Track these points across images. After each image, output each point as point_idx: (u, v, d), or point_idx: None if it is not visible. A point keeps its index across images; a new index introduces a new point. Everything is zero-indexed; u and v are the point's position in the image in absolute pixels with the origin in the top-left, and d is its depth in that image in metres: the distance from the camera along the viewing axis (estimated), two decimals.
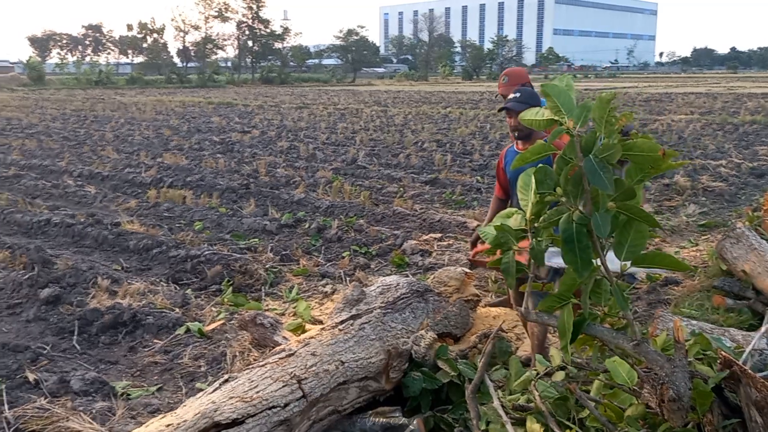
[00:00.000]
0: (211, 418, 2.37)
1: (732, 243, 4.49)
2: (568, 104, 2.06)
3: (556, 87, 2.09)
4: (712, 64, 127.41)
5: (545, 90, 2.09)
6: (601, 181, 1.95)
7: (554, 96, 2.07)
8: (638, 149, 2.01)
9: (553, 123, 2.14)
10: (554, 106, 2.08)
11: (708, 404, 2.28)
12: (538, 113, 2.19)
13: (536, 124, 2.19)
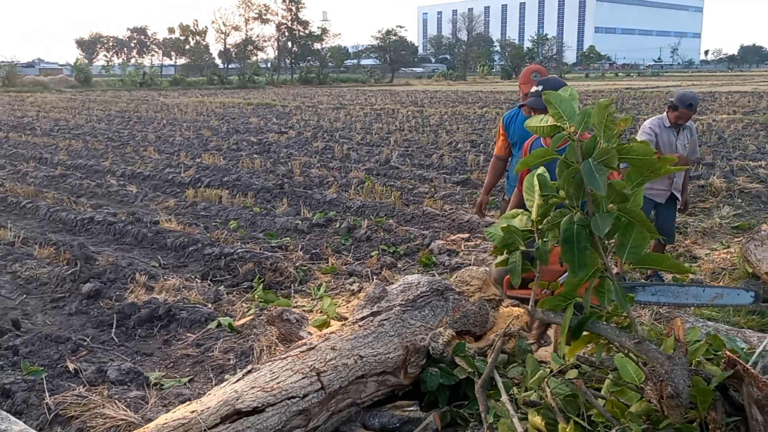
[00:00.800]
0: (233, 406, 2.52)
1: (756, 245, 4.47)
2: (569, 111, 2.15)
3: (558, 95, 2.18)
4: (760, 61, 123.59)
5: (547, 99, 2.18)
6: (595, 183, 2.04)
7: (556, 104, 2.16)
8: (635, 153, 2.09)
9: (557, 129, 2.23)
10: (556, 113, 2.17)
11: (708, 402, 2.33)
12: (542, 120, 2.29)
13: (540, 130, 2.29)
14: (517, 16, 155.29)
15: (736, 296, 2.93)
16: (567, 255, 2.30)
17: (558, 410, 2.75)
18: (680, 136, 5.12)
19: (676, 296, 2.88)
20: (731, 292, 2.92)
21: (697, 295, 2.91)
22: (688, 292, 2.91)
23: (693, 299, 2.93)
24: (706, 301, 2.90)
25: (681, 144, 5.08)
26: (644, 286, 2.88)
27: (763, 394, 2.29)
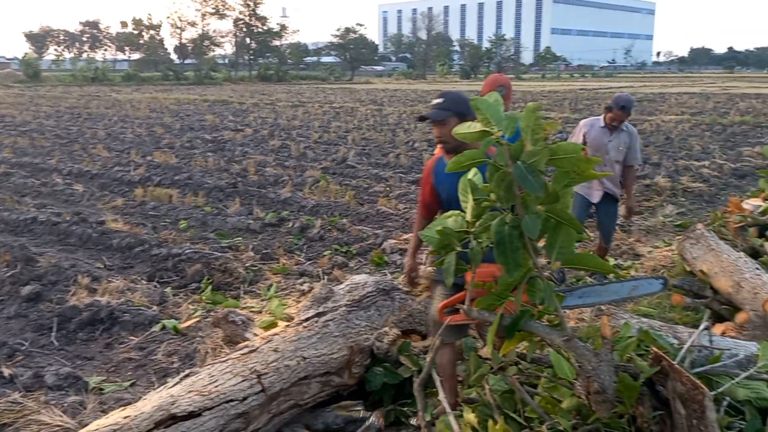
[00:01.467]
0: (167, 411, 2.50)
1: (692, 243, 4.63)
2: (496, 116, 2.19)
3: (485, 101, 2.22)
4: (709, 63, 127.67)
5: (475, 104, 2.22)
6: (530, 185, 2.08)
7: (483, 109, 2.20)
8: (562, 152, 2.14)
9: (485, 134, 2.27)
10: (484, 118, 2.21)
11: (635, 397, 2.41)
12: (470, 126, 2.32)
13: (469, 137, 2.32)
14: (475, 16, 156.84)
15: (648, 286, 3.00)
16: (501, 256, 2.34)
17: (495, 407, 2.81)
18: (614, 138, 5.08)
19: (600, 295, 2.89)
20: (644, 283, 3.00)
21: (617, 291, 2.92)
22: (609, 290, 2.92)
23: (614, 295, 2.93)
24: (625, 294, 2.94)
25: (613, 146, 5.07)
26: (572, 290, 2.88)
27: (685, 389, 2.37)
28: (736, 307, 4.04)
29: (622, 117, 4.97)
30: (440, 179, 3.17)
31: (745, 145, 13.93)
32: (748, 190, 8.89)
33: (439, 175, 3.19)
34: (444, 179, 3.11)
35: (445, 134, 3.01)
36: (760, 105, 25.28)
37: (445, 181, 3.12)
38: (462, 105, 3.07)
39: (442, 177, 3.15)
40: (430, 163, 3.30)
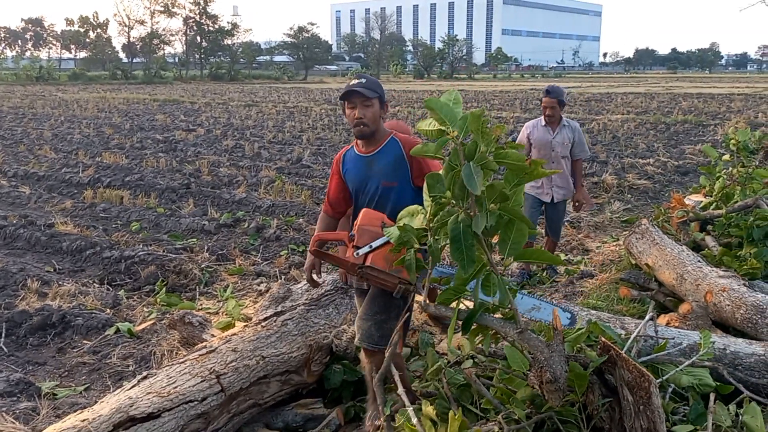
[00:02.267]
0: (126, 413, 2.48)
1: (637, 238, 4.81)
2: (451, 116, 2.26)
3: (438, 101, 2.29)
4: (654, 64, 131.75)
5: (428, 105, 2.28)
6: (473, 184, 2.15)
7: (437, 110, 2.27)
8: (510, 158, 2.22)
9: (442, 133, 2.34)
10: (439, 118, 2.28)
11: (585, 385, 2.51)
12: (431, 124, 2.39)
13: (430, 134, 2.38)
14: (428, 16, 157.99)
15: (547, 315, 2.91)
16: (456, 253, 2.41)
17: (452, 399, 2.88)
18: (557, 135, 5.31)
19: None
20: (547, 309, 2.90)
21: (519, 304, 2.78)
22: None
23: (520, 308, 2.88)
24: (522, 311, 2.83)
25: (558, 142, 5.30)
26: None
27: (632, 376, 2.48)
28: (680, 298, 4.22)
29: (548, 102, 5.22)
30: (348, 168, 3.11)
31: (688, 143, 14.46)
32: (690, 186, 9.24)
33: (348, 164, 3.12)
34: (352, 168, 3.09)
35: (368, 116, 2.94)
36: (702, 104, 26.25)
37: (352, 170, 3.09)
38: (381, 90, 3.03)
39: (350, 166, 3.10)
40: (339, 155, 3.20)
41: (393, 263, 2.65)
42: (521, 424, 2.48)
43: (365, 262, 2.73)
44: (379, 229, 2.76)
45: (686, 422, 2.68)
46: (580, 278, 5.36)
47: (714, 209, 5.26)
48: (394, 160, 3.02)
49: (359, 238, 2.77)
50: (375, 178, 3.06)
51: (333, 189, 3.22)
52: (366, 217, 2.85)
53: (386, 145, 3.06)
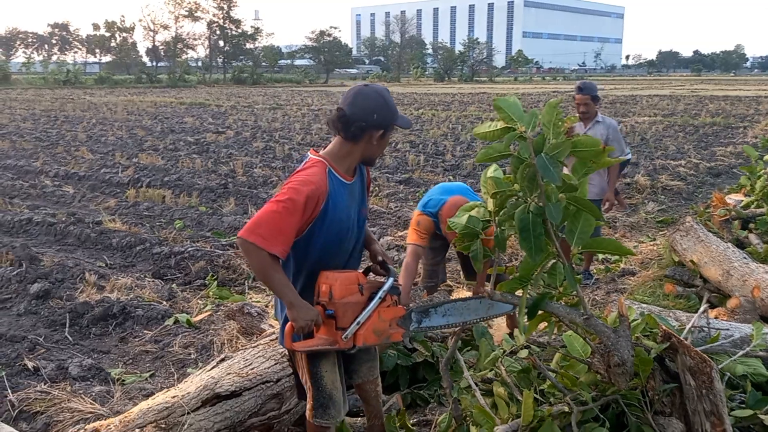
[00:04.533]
0: (212, 390, 2.64)
1: (682, 235, 4.89)
2: (518, 113, 2.39)
3: (506, 100, 2.41)
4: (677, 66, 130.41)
5: (497, 104, 2.40)
6: (551, 175, 2.27)
7: (505, 108, 2.39)
8: (582, 146, 2.34)
9: (507, 131, 2.45)
10: (506, 116, 2.39)
11: (649, 370, 2.61)
12: (491, 125, 2.50)
13: (490, 134, 2.50)
14: (448, 19, 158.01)
15: (502, 306, 2.79)
16: (525, 242, 2.53)
17: (513, 385, 3.00)
18: (589, 131, 5.22)
19: (461, 313, 2.74)
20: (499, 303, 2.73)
21: (476, 309, 2.76)
22: (468, 307, 2.74)
23: (473, 314, 2.76)
24: (482, 313, 2.78)
25: None
26: (435, 307, 2.70)
27: (694, 362, 2.58)
28: (726, 294, 4.29)
29: (580, 99, 5.16)
30: (336, 202, 2.45)
31: (718, 145, 14.40)
32: (724, 187, 9.25)
33: (334, 197, 2.44)
34: (340, 201, 2.47)
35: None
36: (729, 107, 26.03)
37: (341, 203, 2.48)
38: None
39: (338, 199, 2.46)
40: (318, 187, 2.37)
41: (383, 333, 2.47)
42: (588, 405, 2.59)
43: (356, 343, 2.42)
44: (359, 297, 2.41)
45: (744, 408, 2.77)
46: (622, 275, 5.44)
47: (755, 208, 5.31)
48: (362, 182, 2.67)
49: (342, 317, 2.39)
50: (356, 206, 2.61)
51: (292, 229, 2.33)
52: (341, 288, 2.40)
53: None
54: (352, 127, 2.41)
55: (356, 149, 2.47)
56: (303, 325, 2.37)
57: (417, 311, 2.64)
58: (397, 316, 2.52)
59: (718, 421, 2.45)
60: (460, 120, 21.37)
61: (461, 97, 36.23)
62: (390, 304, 2.49)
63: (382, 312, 2.45)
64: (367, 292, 2.44)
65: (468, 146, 14.45)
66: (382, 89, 2.52)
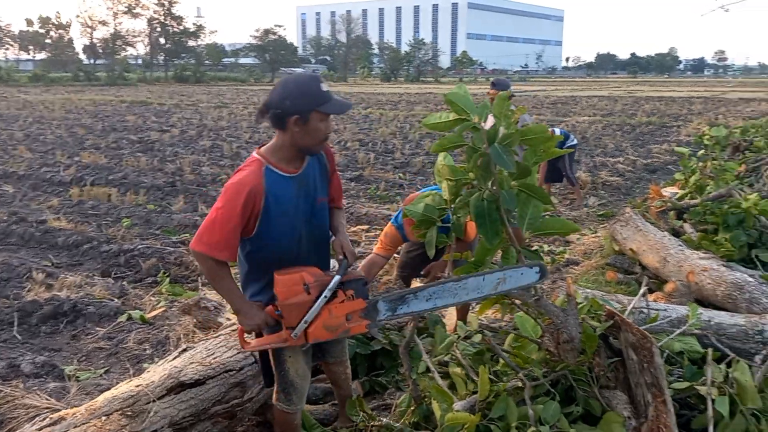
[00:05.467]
0: (176, 378, 2.67)
1: (622, 225, 5.15)
2: (470, 105, 2.51)
3: (457, 93, 2.53)
4: (614, 68, 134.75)
5: (449, 99, 2.51)
6: (505, 163, 2.41)
7: (457, 101, 2.51)
8: (532, 134, 2.49)
9: (458, 122, 2.58)
10: (459, 109, 2.52)
11: (594, 346, 2.79)
12: (442, 116, 2.62)
13: (442, 125, 2.62)
14: (393, 20, 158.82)
15: (520, 276, 2.62)
16: (481, 228, 2.66)
17: (469, 366, 3.13)
18: None
19: (455, 294, 2.59)
20: (514, 273, 2.60)
21: (478, 287, 2.59)
22: (467, 286, 2.57)
23: (474, 293, 2.60)
24: (488, 291, 2.62)
25: None
26: (415, 292, 2.58)
27: (636, 338, 2.77)
28: (663, 279, 4.56)
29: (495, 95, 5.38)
30: (277, 197, 2.45)
31: (653, 143, 15.05)
32: (659, 182, 9.69)
33: (273, 193, 2.43)
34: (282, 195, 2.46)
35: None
36: (663, 107, 27.16)
37: (283, 198, 2.47)
38: None
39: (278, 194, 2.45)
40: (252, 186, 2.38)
41: (338, 328, 2.47)
42: (540, 381, 2.74)
43: (308, 340, 2.45)
44: (305, 296, 2.40)
45: (682, 381, 2.98)
46: (566, 265, 5.68)
47: (689, 199, 5.63)
48: (320, 171, 2.64)
49: (288, 317, 2.42)
50: (308, 197, 2.58)
51: (233, 233, 2.38)
52: (282, 290, 2.40)
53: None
54: (269, 114, 2.41)
55: (285, 139, 2.45)
56: (249, 329, 2.49)
57: (387, 300, 2.58)
58: (355, 310, 2.49)
59: (658, 392, 2.64)
60: (408, 119, 21.60)
61: (408, 97, 36.58)
62: (344, 299, 2.46)
63: (334, 308, 2.44)
64: (315, 290, 2.41)
65: (417, 144, 14.66)
66: (304, 77, 2.48)
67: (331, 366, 3.00)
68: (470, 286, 2.60)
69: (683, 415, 2.86)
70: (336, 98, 2.47)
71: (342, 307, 2.46)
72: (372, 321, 2.54)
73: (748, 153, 7.59)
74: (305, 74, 2.53)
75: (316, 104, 2.39)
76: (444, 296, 2.60)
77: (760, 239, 4.92)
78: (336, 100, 2.46)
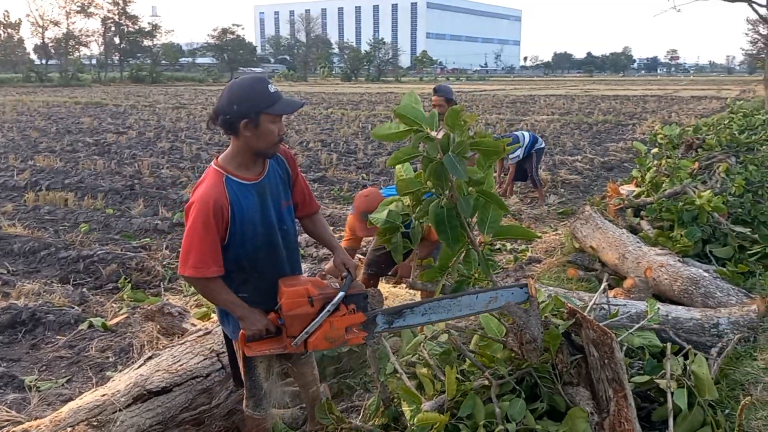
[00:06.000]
0: (143, 387, 2.64)
1: (582, 224, 5.27)
2: (420, 116, 2.55)
3: (406, 107, 2.57)
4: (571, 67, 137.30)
5: (399, 113, 2.54)
6: (458, 172, 2.45)
7: (407, 113, 2.55)
8: (483, 144, 2.54)
9: (408, 132, 2.61)
10: (410, 120, 2.55)
11: (557, 344, 2.85)
12: (391, 126, 2.65)
13: (393, 136, 2.65)
14: (353, 19, 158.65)
15: (510, 296, 2.78)
16: (442, 234, 2.71)
17: (436, 366, 3.17)
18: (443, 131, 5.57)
19: (449, 310, 2.72)
20: (505, 293, 2.77)
21: (471, 304, 2.73)
22: (461, 303, 2.71)
23: (467, 309, 2.75)
24: (481, 308, 2.76)
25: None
26: (412, 307, 2.67)
27: (597, 335, 2.84)
28: (622, 276, 4.68)
29: (438, 101, 5.51)
30: (241, 207, 2.44)
31: (610, 141, 15.39)
32: (617, 179, 9.93)
33: (237, 203, 2.42)
34: (246, 204, 2.45)
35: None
36: (619, 105, 27.80)
37: (247, 207, 2.45)
38: None
39: (243, 204, 2.44)
40: (216, 200, 2.36)
41: (337, 339, 2.52)
42: (505, 379, 2.79)
43: (307, 349, 2.52)
44: (308, 309, 2.44)
45: (642, 374, 3.08)
46: (529, 263, 5.78)
47: (646, 197, 5.79)
48: (282, 175, 2.63)
49: (290, 327, 2.48)
50: (272, 203, 2.55)
51: (213, 246, 2.38)
52: (287, 302, 2.43)
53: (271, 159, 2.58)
54: (219, 121, 2.38)
55: (240, 144, 2.41)
56: (252, 334, 2.49)
57: (386, 314, 2.64)
58: (355, 323, 2.55)
59: (619, 387, 2.72)
60: (369, 119, 21.62)
61: (369, 97, 36.60)
62: (346, 313, 2.51)
63: (335, 321, 2.49)
64: (318, 303, 2.45)
65: (379, 144, 14.68)
66: (249, 80, 2.43)
67: (299, 368, 3.00)
68: (464, 303, 2.72)
69: (644, 408, 2.96)
70: (285, 98, 2.43)
71: (343, 320, 2.51)
72: (369, 333, 2.60)
73: (700, 151, 7.84)
74: (251, 76, 2.48)
75: (265, 106, 2.35)
76: (439, 311, 2.69)
77: (713, 235, 5.10)
78: (285, 100, 2.42)
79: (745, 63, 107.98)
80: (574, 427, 2.64)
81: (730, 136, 8.72)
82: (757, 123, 12.31)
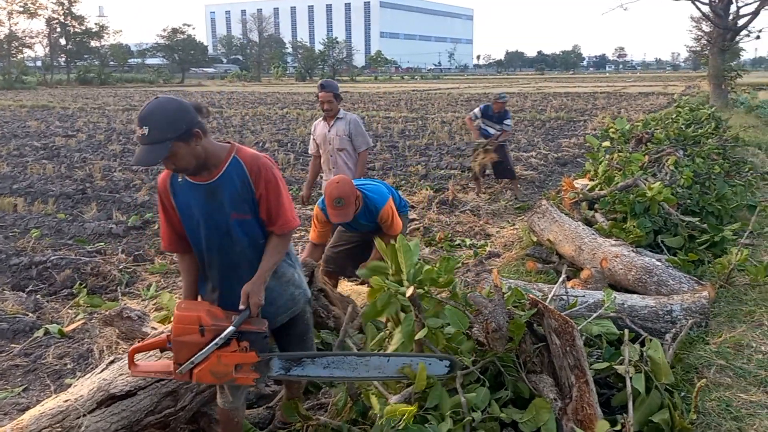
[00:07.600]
0: (106, 391, 2.59)
1: (539, 217, 5.38)
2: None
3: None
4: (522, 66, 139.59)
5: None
6: None
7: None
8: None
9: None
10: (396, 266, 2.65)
11: (521, 333, 2.92)
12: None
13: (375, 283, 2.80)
14: (306, 18, 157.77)
15: (427, 366, 2.62)
16: None
17: None
18: (332, 128, 5.41)
19: (354, 369, 2.59)
20: (422, 361, 2.63)
21: (380, 367, 2.60)
22: (368, 364, 2.59)
23: (375, 371, 2.62)
24: (391, 373, 2.63)
25: (333, 135, 5.40)
26: (314, 357, 2.59)
27: (558, 324, 2.92)
28: (579, 267, 4.80)
29: (325, 97, 5.36)
30: (182, 201, 2.53)
31: (563, 137, 15.72)
32: (570, 174, 10.16)
33: (179, 195, 2.52)
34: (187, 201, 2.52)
35: (180, 164, 2.39)
36: (570, 102, 28.43)
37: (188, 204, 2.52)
38: (178, 124, 2.31)
39: (184, 198, 2.52)
40: (164, 181, 2.55)
41: (224, 376, 2.44)
42: (470, 369, 2.84)
43: (192, 379, 2.45)
44: (198, 338, 2.38)
45: (601, 361, 3.17)
46: (488, 258, 5.87)
47: (599, 190, 5.95)
48: (240, 187, 2.50)
49: (177, 354, 2.41)
50: (221, 210, 2.50)
51: (167, 226, 2.59)
52: (177, 326, 2.40)
53: (230, 166, 2.49)
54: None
55: None
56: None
57: (283, 359, 2.54)
58: (246, 362, 2.43)
59: (581, 373, 2.80)
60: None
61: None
62: (237, 350, 2.41)
63: (223, 356, 2.39)
64: (210, 334, 2.37)
65: None
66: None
67: None
68: (372, 364, 2.63)
69: (603, 394, 3.05)
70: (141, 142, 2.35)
71: (232, 356, 2.40)
72: (262, 376, 2.50)
73: (650, 145, 8.09)
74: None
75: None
76: (342, 368, 2.59)
77: (664, 225, 5.28)
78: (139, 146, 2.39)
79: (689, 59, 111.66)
80: (538, 416, 2.70)
81: (678, 130, 9.03)
82: (702, 117, 12.75)
